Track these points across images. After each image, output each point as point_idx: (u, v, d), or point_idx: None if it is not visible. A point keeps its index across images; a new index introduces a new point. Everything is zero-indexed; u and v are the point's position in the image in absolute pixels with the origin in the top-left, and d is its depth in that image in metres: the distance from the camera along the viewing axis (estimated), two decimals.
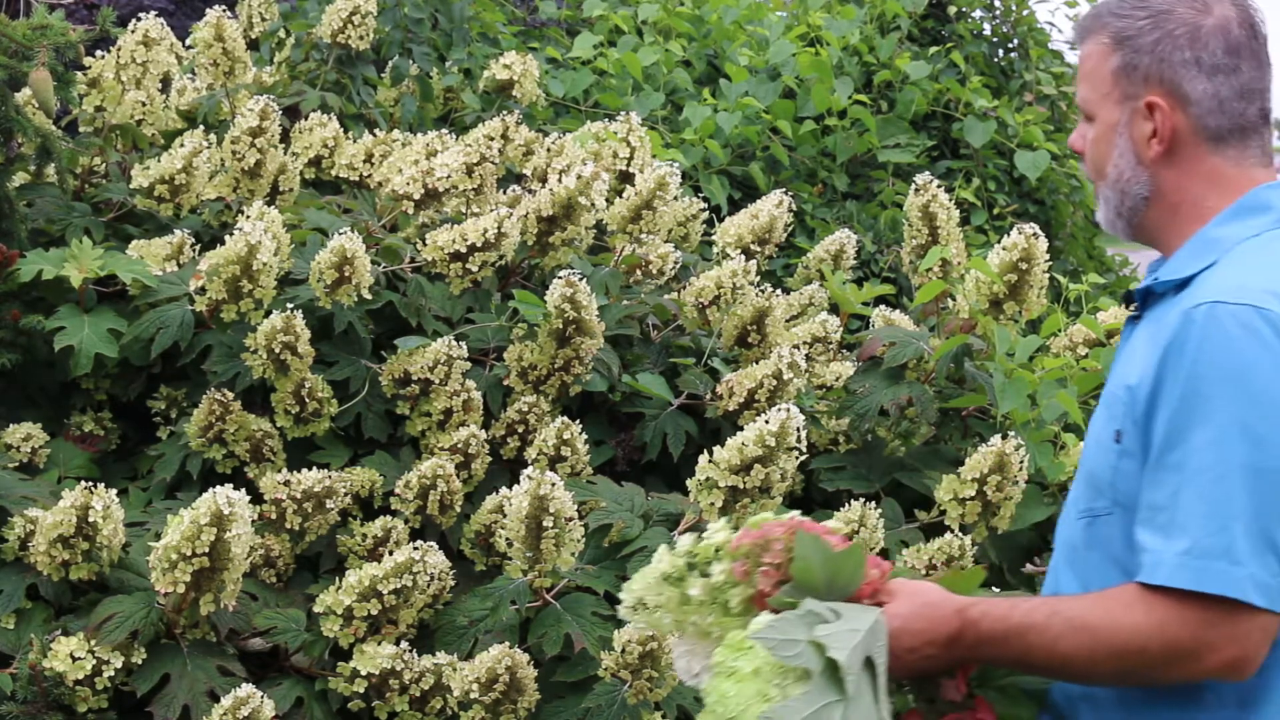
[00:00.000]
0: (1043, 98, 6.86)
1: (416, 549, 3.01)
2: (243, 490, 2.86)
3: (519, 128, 4.26)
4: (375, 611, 2.99)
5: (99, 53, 4.01)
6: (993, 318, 3.56)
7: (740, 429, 3.17)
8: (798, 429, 3.07)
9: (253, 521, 2.94)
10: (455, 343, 3.46)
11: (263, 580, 3.18)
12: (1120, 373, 1.90)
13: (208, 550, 2.80)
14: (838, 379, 3.77)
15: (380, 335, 3.63)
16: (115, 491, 3.02)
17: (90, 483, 2.98)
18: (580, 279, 3.43)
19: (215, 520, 2.80)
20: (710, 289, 3.79)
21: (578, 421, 3.41)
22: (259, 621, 3.05)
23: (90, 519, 2.91)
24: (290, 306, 3.35)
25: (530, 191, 3.92)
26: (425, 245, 3.60)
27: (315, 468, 3.26)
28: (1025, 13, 6.94)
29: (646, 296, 3.85)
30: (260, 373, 3.37)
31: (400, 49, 4.63)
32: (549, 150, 4.21)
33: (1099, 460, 1.88)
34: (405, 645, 2.99)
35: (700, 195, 5.11)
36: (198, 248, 3.70)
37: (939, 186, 3.92)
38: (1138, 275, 6.66)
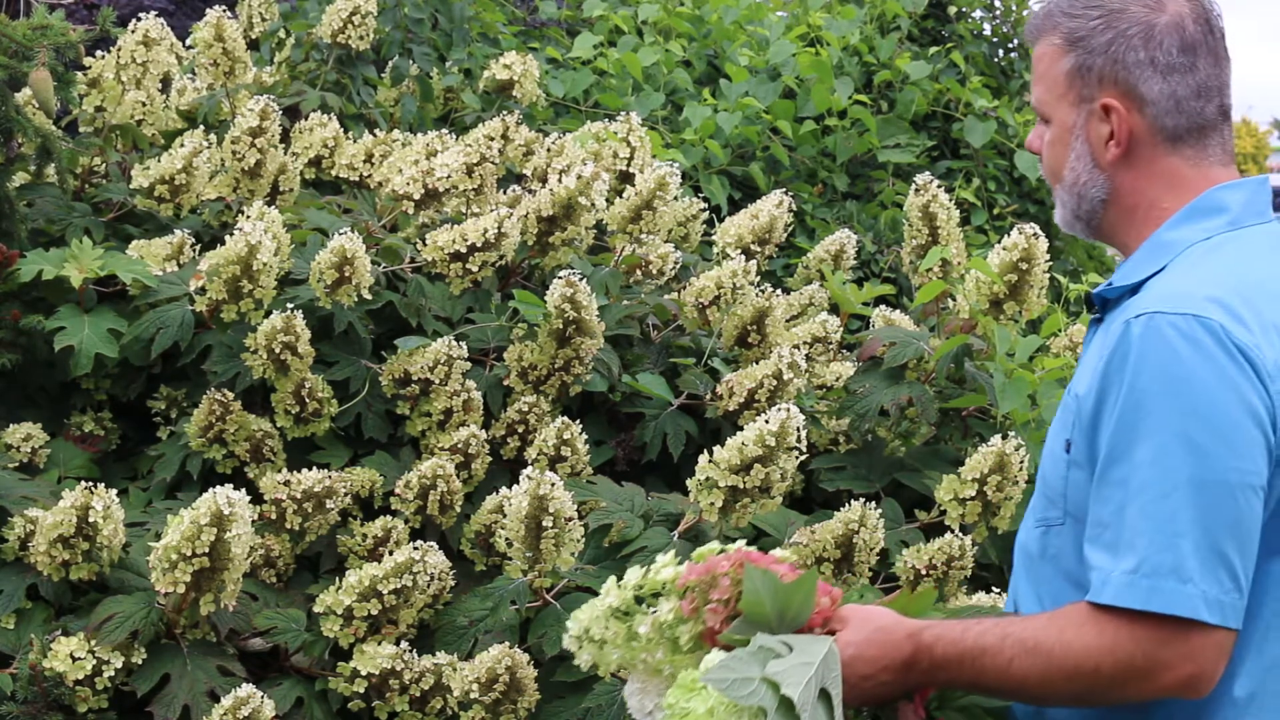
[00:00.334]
0: None
1: (416, 549, 3.01)
2: (243, 490, 2.86)
3: (519, 128, 4.26)
4: (375, 611, 2.99)
5: (99, 53, 4.01)
6: (993, 318, 3.56)
7: (740, 429, 3.17)
8: (798, 429, 3.07)
9: (253, 521, 2.94)
10: (455, 343, 3.46)
11: (263, 580, 3.18)
12: (1074, 380, 1.87)
13: (208, 550, 2.80)
14: (838, 379, 3.77)
15: (380, 335, 3.63)
16: (115, 491, 3.02)
17: (90, 483, 2.98)
18: (580, 279, 3.43)
19: (215, 520, 2.79)
20: (710, 289, 3.79)
21: (578, 421, 3.41)
22: (259, 621, 3.05)
23: (90, 519, 2.91)
24: (290, 306, 3.35)
25: (530, 191, 3.92)
26: (425, 245, 3.60)
27: (315, 468, 3.26)
28: (1025, 13, 6.93)
29: (646, 296, 3.85)
30: (260, 373, 3.37)
31: (400, 49, 4.63)
32: (549, 150, 4.21)
33: (1052, 470, 1.86)
34: (405, 645, 2.99)
35: (700, 195, 5.12)
36: (198, 248, 3.71)
37: (939, 186, 3.92)
38: None
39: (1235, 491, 1.67)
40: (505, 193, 3.92)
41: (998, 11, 6.99)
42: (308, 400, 3.38)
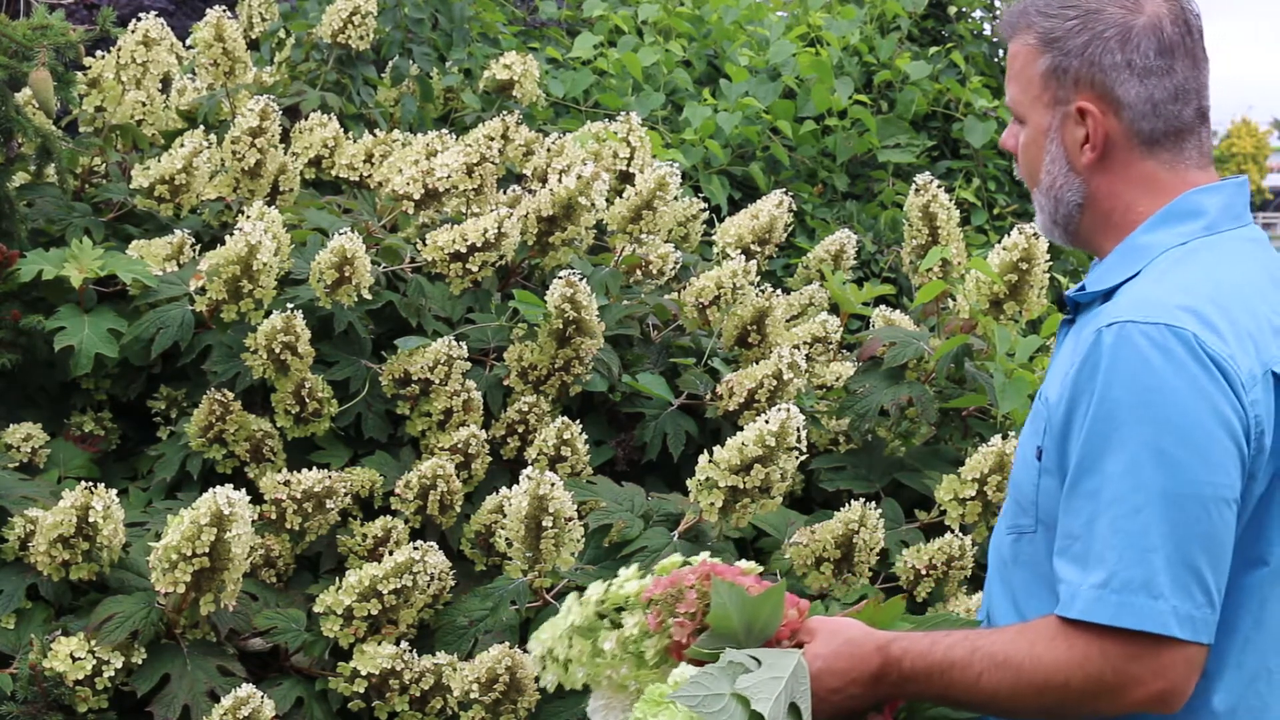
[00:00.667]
0: None
1: (416, 549, 3.01)
2: (243, 490, 2.86)
3: (519, 128, 4.26)
4: (375, 611, 2.99)
5: (99, 53, 4.01)
6: (993, 318, 3.56)
7: (740, 429, 3.17)
8: (798, 429, 3.07)
9: (253, 521, 2.94)
10: (455, 343, 3.46)
11: (263, 580, 3.18)
12: (1045, 384, 1.83)
13: (208, 550, 2.80)
14: (838, 379, 3.77)
15: (380, 335, 3.63)
16: (115, 491, 3.02)
17: (90, 483, 2.98)
18: (580, 279, 3.43)
19: (215, 520, 2.79)
20: (710, 289, 3.79)
21: (578, 421, 3.41)
22: (259, 621, 3.05)
23: (90, 519, 2.91)
24: (290, 306, 3.35)
25: (530, 191, 3.92)
26: (425, 245, 3.60)
27: (315, 468, 3.26)
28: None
29: (646, 297, 3.85)
30: (260, 373, 3.37)
31: (400, 49, 4.62)
32: (549, 150, 4.21)
33: (1023, 476, 1.83)
34: (405, 645, 3.00)
35: (700, 195, 5.11)
36: (198, 248, 3.70)
37: (939, 186, 3.92)
38: None
39: (1208, 505, 1.65)
40: (505, 193, 3.92)
41: (998, 11, 6.99)
42: (308, 400, 3.38)
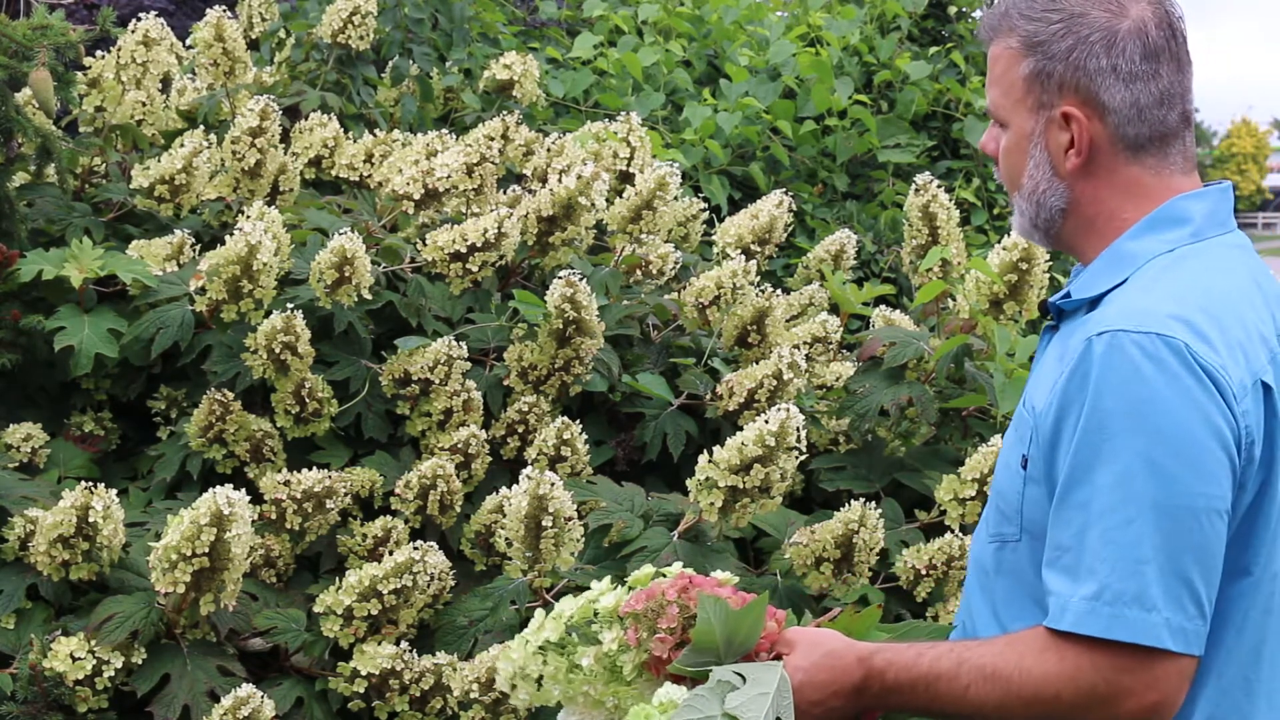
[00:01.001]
0: None
1: (416, 549, 3.01)
2: (243, 490, 2.86)
3: (519, 128, 4.26)
4: (375, 611, 3.00)
5: (99, 53, 4.01)
6: (993, 318, 3.57)
7: (740, 429, 3.17)
8: (798, 429, 3.07)
9: (253, 521, 2.94)
10: (455, 343, 3.46)
11: (263, 580, 3.18)
12: (1030, 392, 1.82)
13: (208, 550, 2.80)
14: (838, 379, 3.77)
15: (380, 335, 3.63)
16: (115, 491, 3.02)
17: (90, 483, 2.98)
18: (580, 279, 3.43)
19: (215, 520, 2.80)
20: (710, 289, 3.79)
21: (578, 421, 3.41)
22: (259, 621, 3.05)
23: (90, 519, 2.91)
24: (290, 306, 3.35)
25: (530, 191, 3.92)
26: (425, 245, 3.60)
27: (315, 468, 3.26)
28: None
29: (646, 297, 3.85)
30: (260, 373, 3.37)
31: (400, 49, 4.63)
32: (549, 150, 4.21)
33: (1007, 484, 1.81)
34: (405, 645, 3.00)
35: (700, 195, 5.12)
36: (198, 248, 3.71)
37: (939, 186, 3.92)
38: None
39: (1200, 517, 1.64)
40: (505, 193, 3.92)
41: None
42: (308, 400, 3.38)
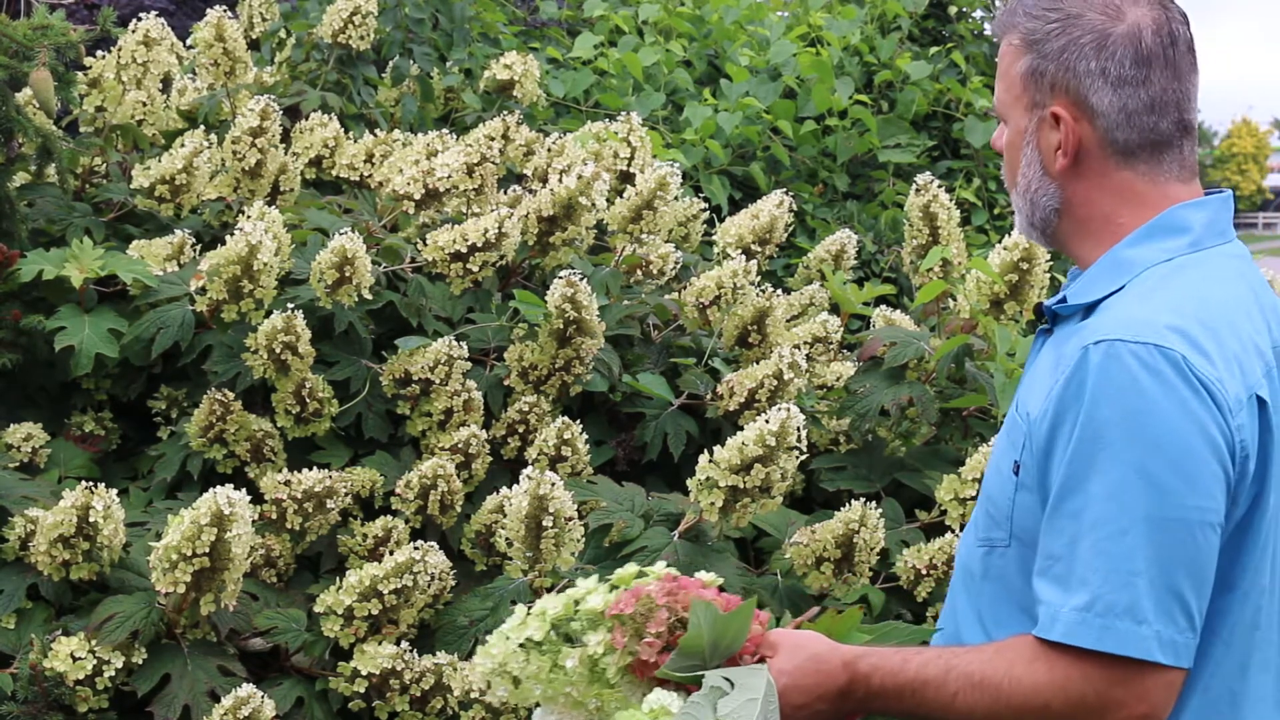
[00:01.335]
0: None
1: (417, 549, 3.01)
2: (243, 490, 2.86)
3: (519, 128, 4.26)
4: (376, 611, 2.99)
5: (99, 53, 4.01)
6: (993, 318, 3.57)
7: (740, 429, 3.17)
8: (798, 429, 3.07)
9: (253, 521, 2.94)
10: (456, 343, 3.46)
11: (263, 580, 3.18)
12: (1023, 397, 1.81)
13: (208, 550, 2.80)
14: (838, 379, 3.77)
15: (381, 335, 3.63)
16: (115, 491, 3.02)
17: (90, 483, 2.98)
18: (581, 279, 3.43)
19: (215, 520, 2.79)
20: (711, 289, 3.79)
21: (578, 421, 3.41)
22: (259, 621, 3.05)
23: (91, 519, 2.91)
24: (291, 306, 3.35)
25: (531, 191, 3.92)
26: (426, 245, 3.60)
27: (316, 468, 3.26)
28: None
29: (647, 296, 3.85)
30: (261, 373, 3.37)
31: (401, 49, 4.63)
32: (549, 150, 4.21)
33: (998, 489, 1.81)
34: (405, 645, 3.00)
35: (701, 195, 5.12)
36: (198, 248, 3.71)
37: (939, 186, 3.92)
38: None
39: (1194, 530, 1.63)
40: (505, 193, 3.92)
41: (997, 12, 6.99)
42: (308, 400, 3.38)
